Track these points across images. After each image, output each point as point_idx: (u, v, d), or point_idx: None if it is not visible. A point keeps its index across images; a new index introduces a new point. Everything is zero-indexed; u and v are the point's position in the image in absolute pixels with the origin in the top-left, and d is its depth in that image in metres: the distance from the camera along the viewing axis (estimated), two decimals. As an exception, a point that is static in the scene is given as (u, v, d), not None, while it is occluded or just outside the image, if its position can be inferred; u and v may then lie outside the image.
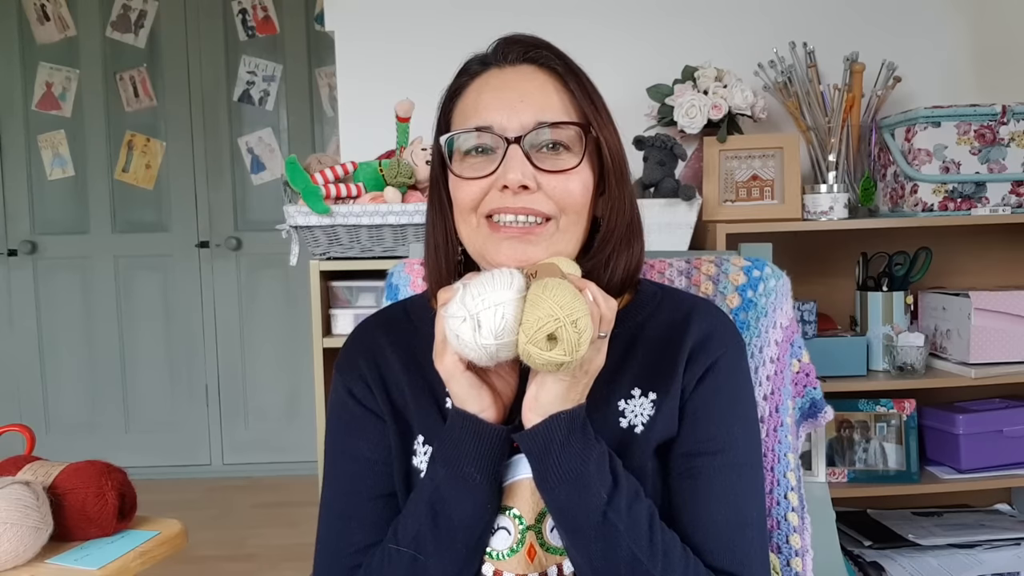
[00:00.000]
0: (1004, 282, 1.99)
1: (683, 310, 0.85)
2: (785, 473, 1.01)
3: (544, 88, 0.81)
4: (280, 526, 2.97)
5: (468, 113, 0.82)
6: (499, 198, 0.78)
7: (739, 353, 0.85)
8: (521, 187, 0.77)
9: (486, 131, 0.79)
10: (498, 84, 0.81)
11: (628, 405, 0.81)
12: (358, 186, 1.72)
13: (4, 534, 0.98)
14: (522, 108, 0.79)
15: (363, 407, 0.86)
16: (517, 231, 0.79)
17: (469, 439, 0.75)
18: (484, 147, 0.80)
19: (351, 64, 2.04)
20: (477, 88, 0.82)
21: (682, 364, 0.81)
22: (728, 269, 1.07)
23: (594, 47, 2.00)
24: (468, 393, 0.75)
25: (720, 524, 0.79)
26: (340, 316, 1.76)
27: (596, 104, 0.82)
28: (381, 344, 0.88)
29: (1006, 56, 2.05)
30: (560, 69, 0.82)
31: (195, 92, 3.53)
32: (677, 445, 0.81)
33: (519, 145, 0.78)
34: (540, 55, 0.82)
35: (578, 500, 0.73)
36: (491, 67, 0.83)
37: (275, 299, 3.59)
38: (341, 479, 0.86)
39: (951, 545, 1.77)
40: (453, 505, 0.76)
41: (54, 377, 3.61)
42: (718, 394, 0.82)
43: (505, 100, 0.79)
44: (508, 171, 0.77)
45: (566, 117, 0.80)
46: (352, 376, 0.87)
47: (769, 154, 1.84)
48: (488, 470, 0.75)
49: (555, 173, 0.79)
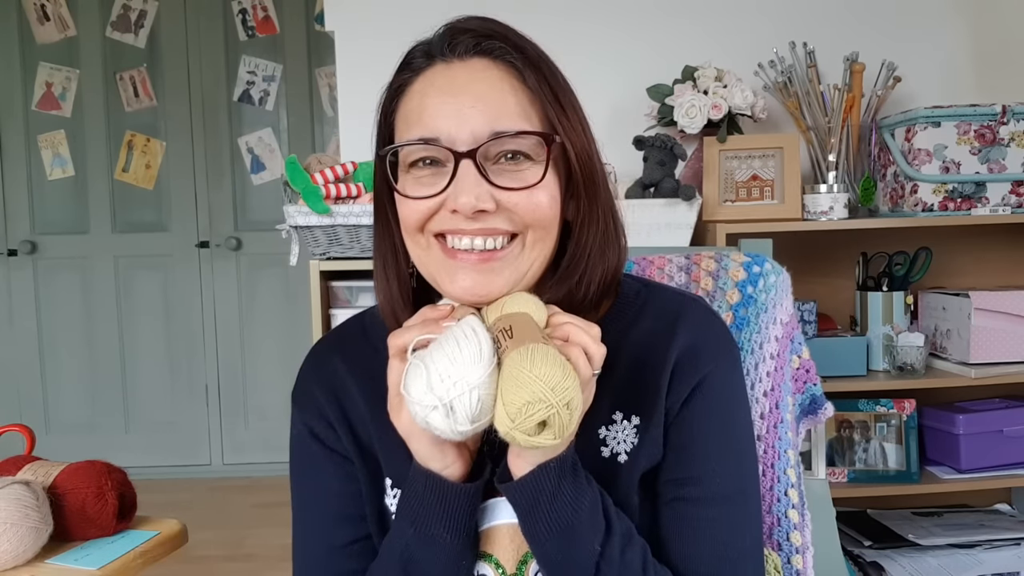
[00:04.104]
0: (1004, 282, 1.99)
1: (668, 316, 0.76)
2: (785, 470, 1.01)
3: (499, 88, 0.69)
4: (280, 526, 2.93)
5: (411, 119, 0.70)
6: (451, 219, 0.68)
7: (731, 365, 0.76)
8: (477, 211, 0.67)
9: (433, 143, 0.68)
10: (445, 85, 0.69)
11: (610, 432, 0.73)
12: (358, 186, 1.72)
13: (4, 534, 0.98)
14: (473, 115, 0.67)
15: (327, 448, 0.78)
16: (475, 258, 0.68)
17: (434, 500, 0.68)
18: (432, 159, 0.69)
19: (351, 64, 2.04)
20: (421, 88, 0.70)
21: (665, 382, 0.73)
22: (728, 265, 1.07)
23: (594, 47, 2.02)
24: (430, 452, 0.67)
25: (710, 559, 0.73)
26: (340, 316, 1.76)
27: (562, 102, 0.71)
28: (340, 373, 0.79)
29: (1006, 56, 2.05)
30: (518, 63, 0.69)
31: (195, 92, 3.54)
32: (663, 472, 0.74)
33: (472, 159, 0.67)
34: (494, 46, 0.70)
35: (569, 553, 0.66)
36: (436, 61, 0.71)
37: (275, 299, 3.60)
38: (311, 525, 0.79)
39: (951, 545, 1.77)
40: (424, 563, 0.69)
41: (54, 377, 3.61)
42: (708, 418, 0.73)
43: (453, 105, 0.68)
44: (460, 193, 0.66)
45: (526, 124, 0.68)
46: (311, 412, 0.79)
47: (769, 154, 1.84)
48: (458, 528, 0.68)
49: (516, 190, 0.68)
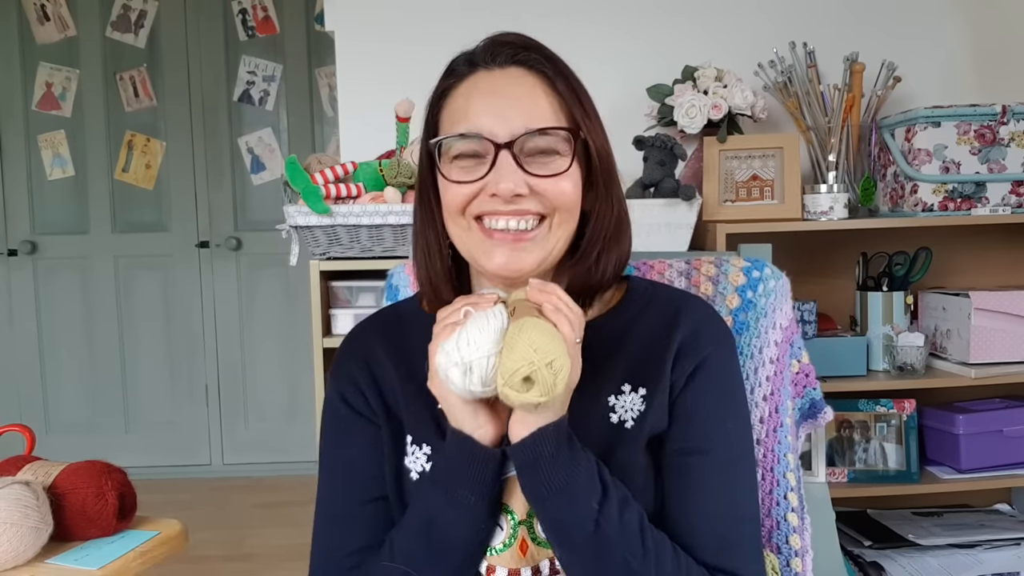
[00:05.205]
0: (1004, 282, 1.99)
1: (672, 307, 0.86)
2: (785, 474, 1.01)
3: (533, 92, 0.80)
4: (280, 526, 2.97)
5: (457, 117, 0.81)
6: (490, 202, 0.79)
7: (728, 350, 0.85)
8: (514, 195, 0.78)
9: (476, 137, 0.79)
10: (487, 88, 0.81)
11: (618, 400, 0.81)
12: (358, 186, 1.72)
13: (4, 534, 0.98)
14: (512, 114, 0.78)
15: (356, 412, 0.87)
16: (510, 238, 0.79)
17: (464, 461, 0.75)
18: (474, 152, 0.80)
19: (351, 64, 2.04)
20: (465, 92, 0.81)
21: (670, 360, 0.82)
22: (728, 270, 1.07)
23: (594, 47, 2.02)
24: (463, 412, 0.75)
25: (713, 520, 0.79)
26: (340, 316, 1.76)
27: (585, 106, 0.82)
28: (374, 347, 0.89)
29: (1006, 56, 2.05)
30: (549, 71, 0.81)
31: (195, 92, 3.53)
32: (668, 443, 0.81)
33: (510, 151, 0.78)
34: (529, 57, 0.81)
35: (569, 511, 0.73)
36: (479, 68, 0.82)
37: (275, 299, 3.59)
38: (335, 483, 0.87)
39: (951, 545, 1.77)
40: (448, 525, 0.76)
41: (54, 377, 3.61)
42: (708, 392, 0.82)
43: (495, 106, 0.79)
44: (500, 179, 0.77)
45: (555, 122, 0.80)
46: (345, 381, 0.88)
47: (769, 154, 1.83)
48: (484, 492, 0.75)
49: (546, 177, 0.79)
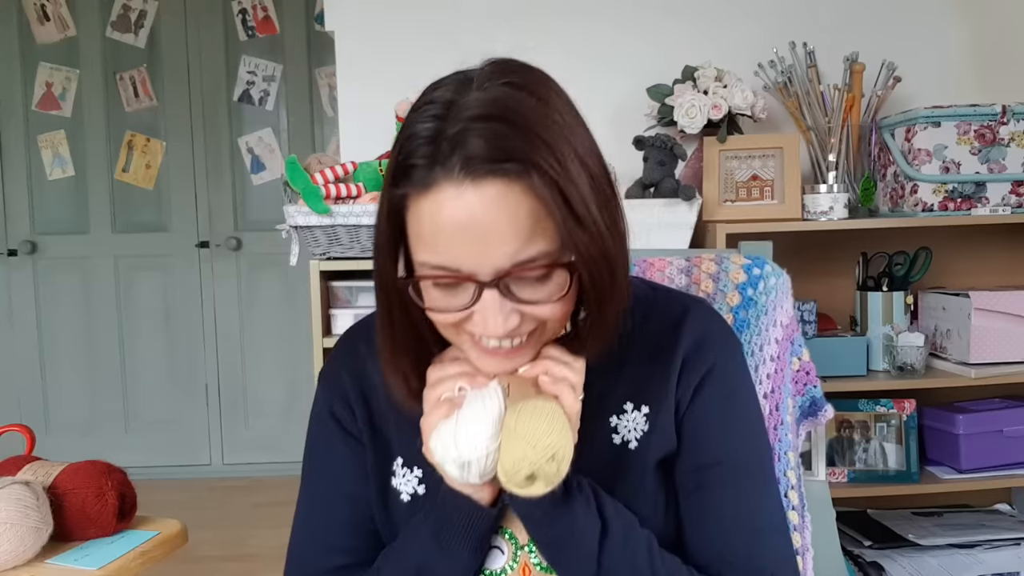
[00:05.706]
0: (1004, 282, 1.99)
1: (674, 315, 0.80)
2: (785, 472, 1.02)
3: (516, 215, 0.63)
4: (280, 526, 2.91)
5: (426, 240, 0.65)
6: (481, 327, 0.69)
7: (736, 355, 0.81)
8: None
9: (454, 272, 0.66)
10: (459, 218, 0.63)
11: (620, 420, 0.78)
12: (358, 186, 1.72)
13: (4, 534, 0.98)
14: (493, 249, 0.64)
15: (343, 430, 0.84)
16: (502, 353, 0.71)
17: (463, 519, 0.73)
18: (453, 278, 0.67)
19: (351, 64, 2.04)
20: (431, 212, 0.64)
21: (675, 375, 0.77)
22: (728, 267, 1.07)
23: (594, 47, 2.02)
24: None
25: (735, 533, 0.76)
26: (340, 316, 1.76)
27: (576, 211, 0.64)
28: (366, 361, 0.83)
29: (1006, 56, 2.05)
30: (534, 175, 0.62)
31: (195, 92, 3.53)
32: (681, 462, 0.78)
33: (496, 288, 0.65)
34: (509, 161, 0.62)
35: (573, 552, 0.72)
36: (441, 181, 0.63)
37: (275, 299, 3.59)
38: (316, 495, 0.86)
39: (951, 545, 1.77)
40: (438, 570, 0.75)
41: (54, 377, 3.61)
42: (718, 403, 0.78)
43: (471, 237, 0.63)
44: (487, 321, 0.66)
45: (546, 244, 0.65)
46: (334, 391, 0.85)
47: (769, 154, 1.83)
48: (478, 545, 0.74)
49: (540, 304, 0.68)
